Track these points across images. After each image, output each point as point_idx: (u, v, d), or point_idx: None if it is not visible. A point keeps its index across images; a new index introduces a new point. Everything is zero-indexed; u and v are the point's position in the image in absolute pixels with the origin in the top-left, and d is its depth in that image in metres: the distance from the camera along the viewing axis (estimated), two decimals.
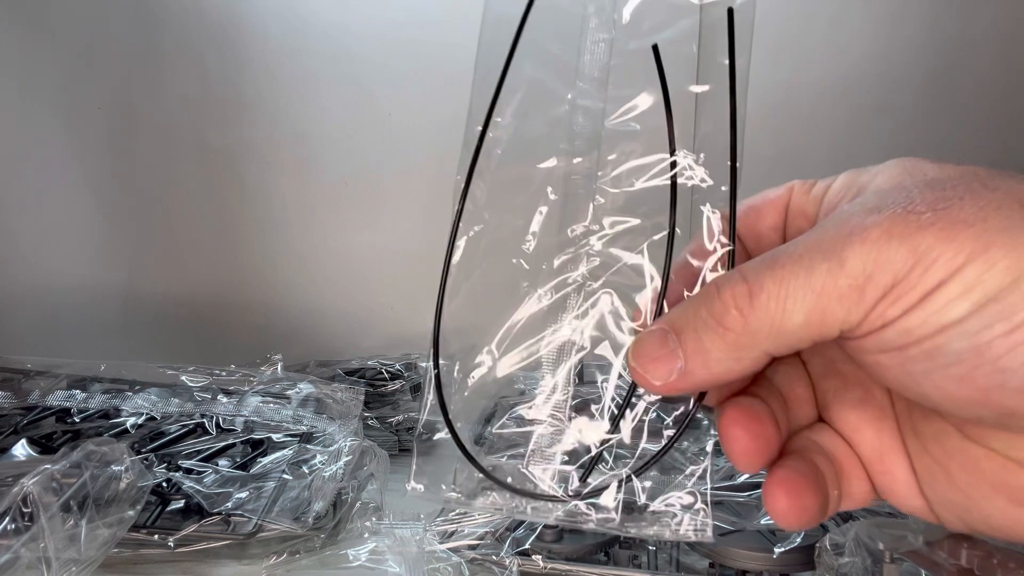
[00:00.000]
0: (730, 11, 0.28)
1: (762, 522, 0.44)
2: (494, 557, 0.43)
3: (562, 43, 0.30)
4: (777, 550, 0.42)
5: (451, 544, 0.45)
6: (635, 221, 0.29)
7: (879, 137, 0.77)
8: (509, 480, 0.30)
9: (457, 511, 0.46)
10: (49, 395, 0.62)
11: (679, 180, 0.28)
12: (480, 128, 0.31)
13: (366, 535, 0.47)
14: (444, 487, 0.30)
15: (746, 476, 0.49)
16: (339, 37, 0.80)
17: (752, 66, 0.30)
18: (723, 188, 0.28)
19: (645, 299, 0.28)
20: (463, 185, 0.30)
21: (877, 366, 0.24)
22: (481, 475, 0.30)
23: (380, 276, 0.84)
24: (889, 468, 0.27)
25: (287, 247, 0.84)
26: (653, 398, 0.29)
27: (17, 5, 0.81)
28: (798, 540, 0.42)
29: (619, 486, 0.28)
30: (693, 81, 0.29)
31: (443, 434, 0.30)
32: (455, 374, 0.30)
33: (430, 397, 0.30)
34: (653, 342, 0.25)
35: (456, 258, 0.30)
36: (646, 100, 0.29)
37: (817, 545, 0.41)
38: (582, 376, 0.30)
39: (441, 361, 0.31)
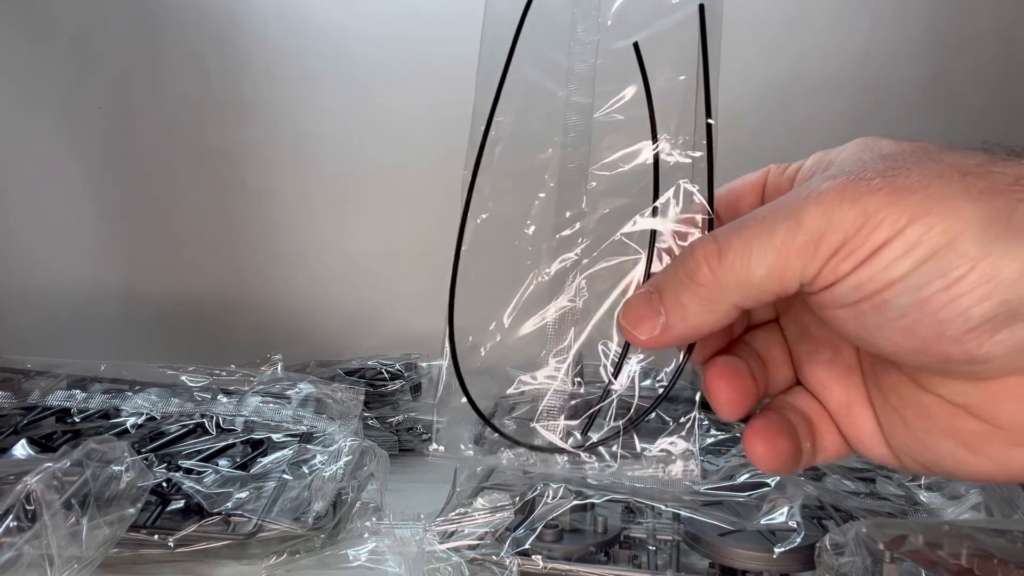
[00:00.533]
0: (701, 7, 0.32)
1: (762, 522, 0.44)
2: (494, 557, 0.43)
3: (554, 46, 0.34)
4: (777, 550, 0.42)
5: (451, 544, 0.45)
6: (625, 200, 0.33)
7: (878, 134, 0.77)
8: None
9: (458, 511, 0.46)
10: (49, 395, 0.62)
11: (665, 159, 0.32)
12: (484, 127, 0.34)
13: (366, 535, 0.47)
14: (462, 447, 0.34)
15: (746, 476, 0.49)
16: (339, 37, 0.80)
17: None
18: (703, 166, 0.31)
19: (636, 269, 0.31)
20: (470, 179, 0.34)
21: (836, 321, 0.27)
22: (496, 435, 0.34)
23: (380, 276, 0.84)
24: (856, 420, 0.30)
25: (287, 247, 0.84)
26: (646, 357, 0.32)
27: (17, 5, 0.81)
28: (798, 540, 0.42)
29: (617, 435, 0.32)
30: (673, 73, 0.33)
31: (461, 400, 0.35)
32: (469, 341, 0.34)
33: (447, 365, 0.35)
34: (639, 302, 0.29)
35: (465, 245, 0.33)
36: (630, 92, 0.33)
37: (817, 545, 0.41)
38: (582, 375, 0.31)
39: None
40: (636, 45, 0.33)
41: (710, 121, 0.31)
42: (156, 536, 0.46)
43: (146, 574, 0.46)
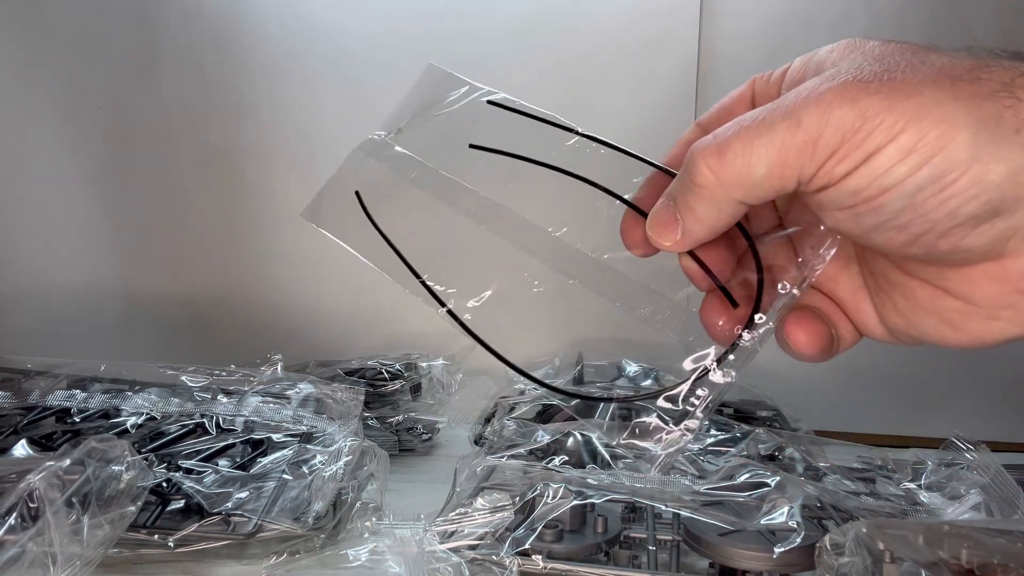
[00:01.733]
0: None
1: (762, 522, 0.44)
2: (494, 557, 0.43)
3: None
4: (777, 550, 0.42)
5: (451, 544, 0.45)
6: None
7: None
8: None
9: (458, 511, 0.46)
10: (49, 395, 0.62)
11: None
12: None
13: (366, 535, 0.47)
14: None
15: (746, 476, 0.49)
16: (339, 37, 0.80)
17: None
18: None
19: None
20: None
21: (834, 220, 0.29)
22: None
23: (380, 276, 0.84)
24: (861, 306, 0.33)
25: (287, 247, 0.84)
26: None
27: (17, 5, 0.81)
28: (798, 540, 0.42)
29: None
30: None
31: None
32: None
33: None
34: (660, 212, 0.31)
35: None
36: None
37: (817, 545, 0.41)
38: (582, 376, 0.31)
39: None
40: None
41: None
42: (156, 536, 0.46)
43: (146, 574, 0.46)
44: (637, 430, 0.33)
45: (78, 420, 0.59)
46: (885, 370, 0.79)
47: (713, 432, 0.58)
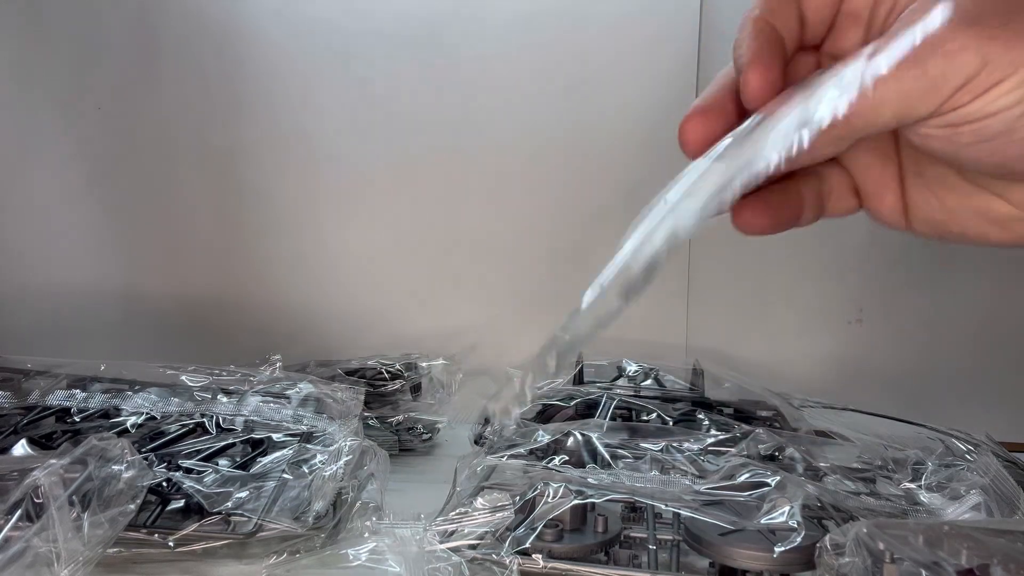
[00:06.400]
0: None
1: (762, 522, 0.44)
2: (494, 557, 0.43)
3: None
4: (777, 550, 0.42)
5: (451, 544, 0.45)
6: None
7: None
8: None
9: (458, 511, 0.46)
10: (49, 395, 0.62)
11: None
12: None
13: (366, 535, 0.47)
14: None
15: (746, 476, 0.49)
16: (339, 37, 0.80)
17: None
18: None
19: None
20: None
21: (927, 138, 0.30)
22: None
23: (380, 276, 0.84)
24: (883, 197, 0.35)
25: (287, 247, 0.84)
26: None
27: (17, 5, 0.81)
28: (798, 540, 0.42)
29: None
30: None
31: None
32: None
33: None
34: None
35: None
36: None
37: (817, 545, 0.41)
38: (582, 376, 0.31)
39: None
40: None
41: None
42: (156, 536, 0.46)
43: (146, 574, 0.46)
44: None
45: (78, 420, 0.59)
46: (885, 370, 0.79)
47: (713, 432, 0.58)
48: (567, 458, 0.53)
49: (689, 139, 0.33)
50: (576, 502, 0.46)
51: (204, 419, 0.59)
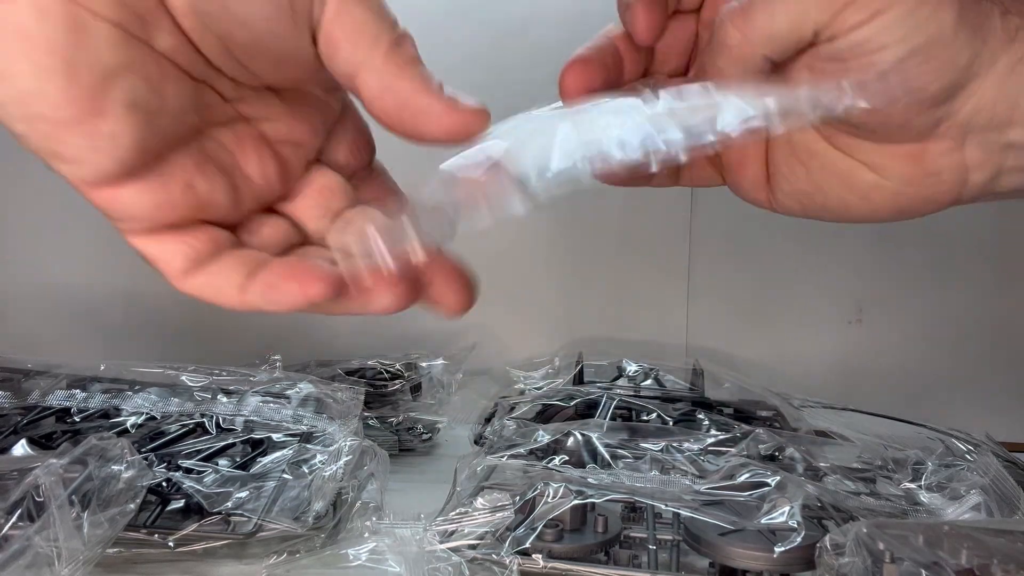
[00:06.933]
0: None
1: (762, 522, 0.44)
2: (494, 557, 0.43)
3: None
4: (777, 550, 0.42)
5: (451, 544, 0.45)
6: None
7: None
8: None
9: (458, 511, 0.46)
10: (49, 395, 0.62)
11: None
12: None
13: (366, 535, 0.47)
14: None
15: (746, 476, 0.49)
16: None
17: None
18: None
19: None
20: None
21: (820, 73, 0.30)
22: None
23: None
24: (745, 168, 0.36)
25: None
26: None
27: None
28: (798, 540, 0.42)
29: None
30: None
31: None
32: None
33: None
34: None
35: None
36: None
37: (817, 545, 0.41)
38: (582, 376, 0.31)
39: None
40: None
41: None
42: (156, 536, 0.46)
43: (146, 574, 0.46)
44: None
45: (78, 420, 0.59)
46: (885, 370, 0.79)
47: (713, 432, 0.58)
48: (567, 458, 0.53)
49: (569, 87, 0.35)
50: (576, 502, 0.46)
51: (204, 419, 0.59)
